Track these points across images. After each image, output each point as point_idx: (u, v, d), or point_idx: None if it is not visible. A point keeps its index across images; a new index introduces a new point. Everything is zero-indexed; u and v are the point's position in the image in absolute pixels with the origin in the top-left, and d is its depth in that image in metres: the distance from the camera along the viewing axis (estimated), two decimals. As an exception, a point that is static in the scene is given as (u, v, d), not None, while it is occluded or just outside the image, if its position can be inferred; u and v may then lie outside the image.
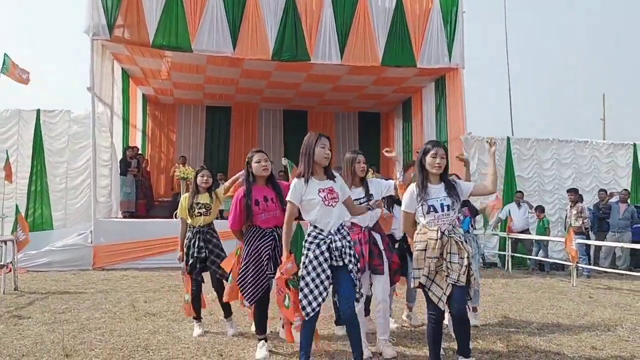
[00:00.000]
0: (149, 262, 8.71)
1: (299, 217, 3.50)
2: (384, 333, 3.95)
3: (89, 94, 8.91)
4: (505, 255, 9.89)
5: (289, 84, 12.20)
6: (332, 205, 3.24)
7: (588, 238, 9.59)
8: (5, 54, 10.98)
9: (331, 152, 3.32)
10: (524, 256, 10.06)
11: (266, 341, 3.81)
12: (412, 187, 3.40)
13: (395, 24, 10.08)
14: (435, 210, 3.27)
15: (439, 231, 3.22)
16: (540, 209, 10.20)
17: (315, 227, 3.25)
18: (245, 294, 3.67)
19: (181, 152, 13.84)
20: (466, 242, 3.33)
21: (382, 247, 3.88)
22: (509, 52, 13.61)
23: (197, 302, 4.39)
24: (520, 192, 10.56)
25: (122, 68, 11.05)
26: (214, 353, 3.81)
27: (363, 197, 3.85)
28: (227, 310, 4.42)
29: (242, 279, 3.68)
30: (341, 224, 3.30)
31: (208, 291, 4.66)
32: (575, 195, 9.72)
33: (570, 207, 9.70)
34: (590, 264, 9.26)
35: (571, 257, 7.99)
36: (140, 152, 12.21)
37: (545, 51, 47.67)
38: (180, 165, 11.15)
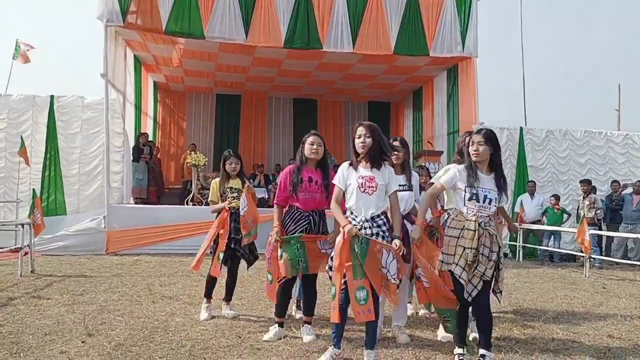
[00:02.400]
0: (161, 247, 8.78)
1: None
2: (399, 319, 3.97)
3: (102, 80, 8.93)
4: (516, 245, 9.87)
5: (299, 72, 12.15)
6: (368, 192, 3.22)
7: (600, 229, 9.54)
8: (17, 39, 11.05)
9: (372, 140, 3.26)
10: (535, 246, 10.03)
11: (281, 327, 3.84)
12: (458, 167, 3.34)
13: (409, 12, 9.96)
14: (477, 200, 3.23)
15: (476, 222, 3.18)
16: (556, 198, 10.13)
17: (351, 212, 3.26)
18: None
19: (191, 139, 13.88)
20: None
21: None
22: (524, 41, 13.39)
23: (213, 282, 4.43)
24: (533, 182, 10.50)
25: (135, 55, 11.06)
26: (232, 335, 3.85)
27: (404, 185, 3.89)
28: (229, 294, 4.51)
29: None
30: (379, 214, 3.24)
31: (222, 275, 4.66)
32: (588, 186, 9.65)
33: (583, 197, 9.64)
34: (601, 255, 9.21)
35: (584, 248, 7.96)
36: (150, 139, 12.26)
37: (560, 41, 47.08)
38: (191, 153, 11.19)
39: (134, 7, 8.97)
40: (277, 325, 3.84)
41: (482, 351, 3.23)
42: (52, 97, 9.80)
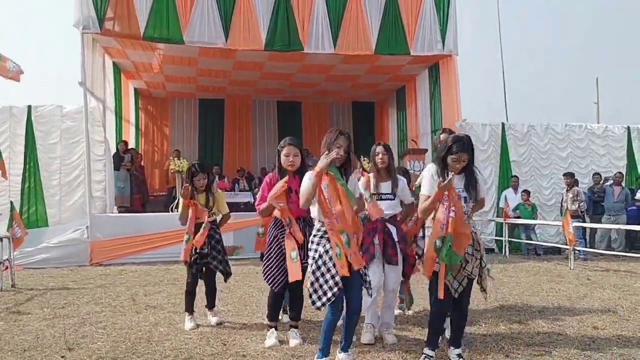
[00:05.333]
0: (146, 256, 8.66)
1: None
2: (387, 322, 3.95)
3: (80, 89, 8.81)
4: (501, 240, 9.94)
5: (282, 74, 12.11)
6: None
7: (584, 221, 9.66)
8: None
9: (349, 152, 3.25)
10: (521, 241, 10.11)
11: (276, 329, 3.81)
12: (433, 169, 3.30)
13: (388, 12, 10.00)
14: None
15: None
16: (526, 193, 10.23)
17: (322, 223, 3.17)
18: (269, 280, 3.73)
19: (175, 146, 13.73)
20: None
21: (396, 239, 3.89)
22: (502, 38, 13.51)
23: (192, 296, 4.37)
24: (516, 177, 10.60)
25: (113, 62, 10.92)
26: (217, 343, 3.79)
27: (390, 193, 3.92)
28: (211, 302, 4.48)
29: (266, 265, 3.75)
30: None
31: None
32: (571, 179, 9.76)
33: (567, 190, 9.75)
34: (586, 247, 9.33)
35: (569, 240, 8.04)
36: (132, 146, 12.11)
37: (538, 36, 47.63)
38: (175, 159, 11.07)
39: (110, 14, 8.86)
40: (273, 329, 3.79)
41: (457, 351, 3.26)
42: (29, 107, 9.61)
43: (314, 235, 3.20)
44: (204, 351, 3.58)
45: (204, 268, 4.36)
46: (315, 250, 3.14)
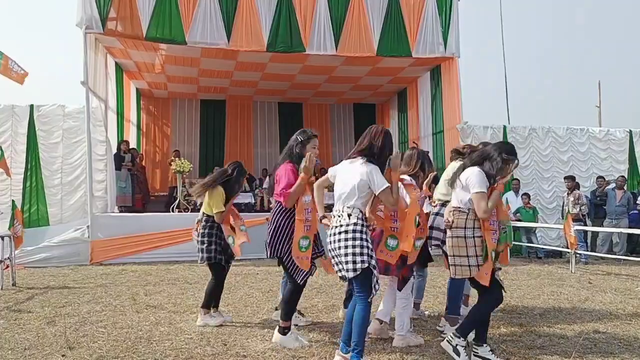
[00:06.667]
0: (147, 256, 8.65)
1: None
2: (385, 316, 3.97)
3: (82, 89, 8.82)
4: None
5: (283, 75, 12.12)
6: None
7: (585, 225, 9.64)
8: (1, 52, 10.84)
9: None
10: (522, 244, 10.10)
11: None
12: (478, 169, 3.34)
13: (390, 14, 10.00)
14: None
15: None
16: (527, 196, 10.20)
17: (364, 214, 3.29)
18: (299, 273, 3.67)
19: (176, 146, 13.77)
20: None
21: None
22: (505, 41, 13.47)
23: (219, 290, 4.48)
24: (517, 180, 10.58)
25: (116, 62, 10.93)
26: (217, 343, 3.79)
27: None
28: (216, 301, 4.49)
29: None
30: None
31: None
32: (572, 183, 9.74)
33: (568, 194, 9.73)
34: (587, 251, 9.31)
35: (570, 243, 8.02)
36: (133, 146, 12.10)
37: (541, 39, 47.74)
38: (176, 159, 11.06)
39: (113, 14, 8.86)
40: (291, 329, 3.76)
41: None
42: (31, 106, 9.62)
43: (362, 226, 3.20)
44: (205, 351, 3.57)
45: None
46: (367, 240, 3.21)
